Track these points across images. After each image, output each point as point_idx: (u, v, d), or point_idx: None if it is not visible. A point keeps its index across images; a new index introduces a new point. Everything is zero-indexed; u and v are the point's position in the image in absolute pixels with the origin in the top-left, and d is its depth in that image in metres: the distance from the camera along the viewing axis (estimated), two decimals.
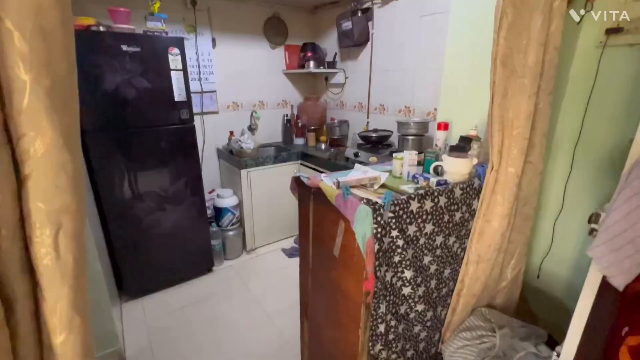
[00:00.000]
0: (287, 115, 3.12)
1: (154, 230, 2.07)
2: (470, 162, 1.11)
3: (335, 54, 2.85)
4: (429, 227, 1.04)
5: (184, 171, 2.10)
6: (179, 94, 1.96)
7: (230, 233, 2.53)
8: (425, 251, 1.07)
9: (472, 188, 1.13)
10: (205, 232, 2.31)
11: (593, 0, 1.26)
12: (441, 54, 2.02)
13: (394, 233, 0.94)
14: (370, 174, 1.13)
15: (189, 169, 2.11)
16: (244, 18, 2.71)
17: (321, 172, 2.51)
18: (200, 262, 2.36)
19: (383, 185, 1.13)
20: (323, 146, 2.86)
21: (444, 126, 1.45)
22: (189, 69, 2.47)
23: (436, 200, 1.03)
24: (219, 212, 2.52)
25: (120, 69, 1.74)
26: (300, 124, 3.05)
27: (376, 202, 0.92)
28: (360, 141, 2.54)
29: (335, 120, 2.94)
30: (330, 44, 2.96)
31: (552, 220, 1.46)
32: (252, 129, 2.99)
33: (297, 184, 1.24)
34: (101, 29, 1.72)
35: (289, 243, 2.86)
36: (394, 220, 0.94)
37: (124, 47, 1.72)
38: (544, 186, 1.35)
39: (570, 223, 1.38)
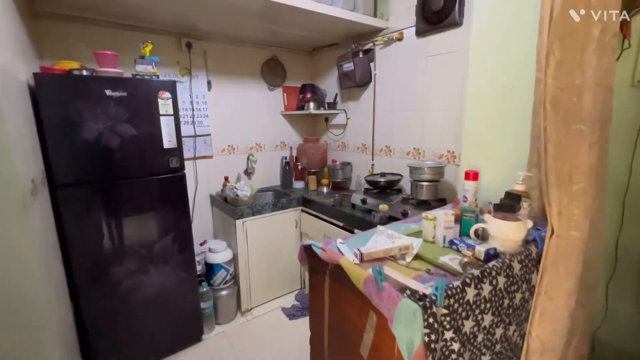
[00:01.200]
0: (285, 157, 2.95)
1: (134, 297, 1.77)
2: (524, 226, 0.90)
3: (336, 94, 2.75)
4: (487, 319, 0.80)
5: (172, 225, 1.85)
6: (168, 140, 1.77)
7: (223, 293, 2.22)
8: (484, 349, 0.82)
9: (530, 259, 0.91)
10: (194, 294, 2.01)
11: (629, 36, 1.14)
12: (453, 93, 1.91)
13: (448, 335, 0.70)
14: (399, 242, 0.91)
15: (177, 223, 1.87)
16: (242, 60, 2.62)
17: (325, 220, 2.28)
18: (187, 331, 2.02)
19: (417, 256, 0.90)
20: (325, 190, 2.66)
21: (473, 176, 1.26)
22: (182, 113, 2.33)
23: (494, 281, 0.80)
24: (210, 268, 2.23)
25: (103, 115, 1.55)
26: (300, 167, 2.87)
27: (424, 295, 0.68)
28: (367, 186, 2.34)
29: (338, 163, 2.77)
30: (329, 85, 2.87)
31: (604, 282, 1.23)
32: (248, 172, 2.79)
33: (307, 254, 1.01)
34: (84, 73, 1.56)
35: (290, 300, 2.55)
36: (448, 318, 0.70)
37: (108, 92, 1.55)
38: None
39: (626, 284, 1.16)
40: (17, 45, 1.32)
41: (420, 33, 2.04)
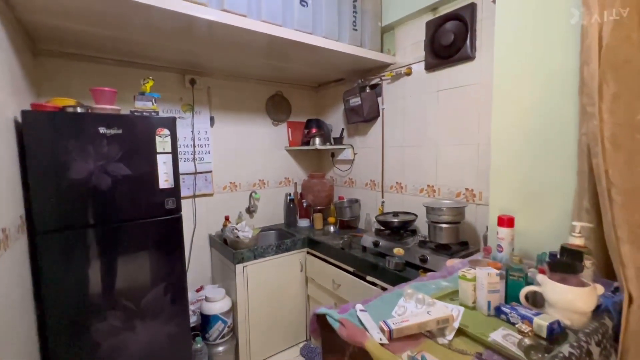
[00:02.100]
0: (290, 194, 2.80)
1: (117, 358, 1.54)
2: (594, 293, 0.72)
3: (343, 129, 2.66)
4: None
5: (165, 273, 1.66)
6: (165, 180, 1.63)
7: (220, 349, 1.97)
8: None
9: (607, 337, 0.72)
10: (186, 352, 1.77)
11: None
12: (469, 128, 1.80)
13: None
14: (436, 312, 0.72)
15: (171, 270, 1.68)
16: (246, 96, 2.57)
17: (333, 264, 2.08)
18: None
19: (459, 330, 0.72)
20: (332, 229, 2.49)
21: (508, 222, 1.10)
22: (183, 150, 2.23)
23: None
24: (206, 320, 2.00)
25: (95, 154, 1.43)
26: (305, 204, 2.71)
27: None
28: (378, 226, 2.16)
29: (345, 200, 2.62)
30: (335, 120, 2.80)
31: None
32: (250, 210, 2.63)
33: (320, 324, 0.82)
34: (79, 110, 1.47)
35: (294, 355, 2.27)
36: None
37: (102, 130, 1.45)
38: None
39: None
40: (9, 82, 1.24)
41: (430, 67, 1.98)
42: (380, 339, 0.67)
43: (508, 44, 1.19)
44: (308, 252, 2.35)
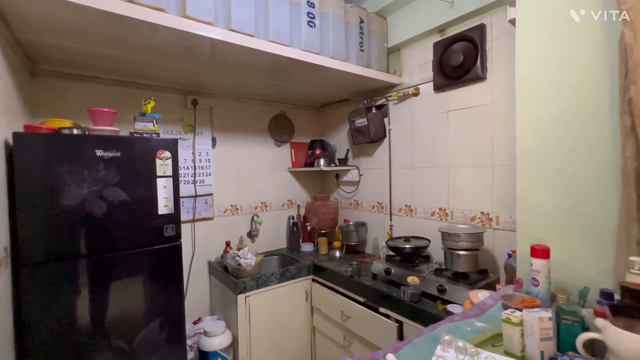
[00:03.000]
0: (293, 217, 2.69)
1: None
2: None
3: (348, 150, 2.59)
4: None
5: (162, 307, 1.52)
6: (164, 205, 1.53)
7: None
8: None
9: None
10: None
11: None
12: (482, 149, 1.74)
13: None
14: None
15: (168, 304, 1.54)
16: (248, 117, 2.52)
17: (342, 293, 1.94)
18: None
19: None
20: (337, 253, 2.36)
21: (543, 253, 1.00)
22: (183, 172, 2.13)
23: None
24: (205, 357, 1.84)
25: (90, 178, 1.34)
26: (309, 228, 2.60)
27: None
28: (388, 251, 2.05)
29: (351, 223, 2.51)
30: (339, 141, 2.74)
31: None
32: (252, 235, 2.51)
33: None
34: (75, 132, 1.38)
35: None
36: None
37: (99, 153, 1.36)
38: None
39: None
40: (0, 102, 1.16)
41: (439, 88, 1.94)
42: None
43: (530, 63, 1.14)
44: (313, 280, 2.22)
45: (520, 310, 0.92)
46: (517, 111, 1.17)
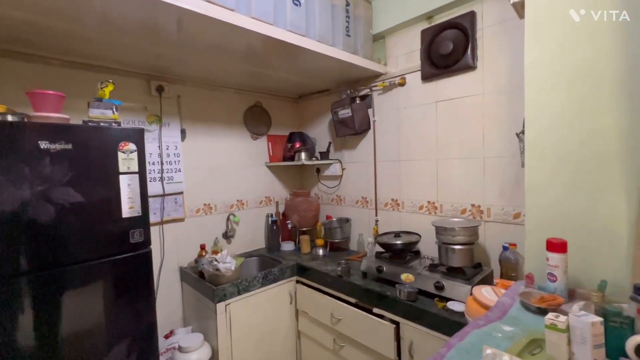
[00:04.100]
0: (271, 215, 2.52)
1: None
2: None
3: (330, 143, 2.47)
4: None
5: (129, 327, 1.30)
6: (130, 207, 1.30)
7: None
8: None
9: None
10: None
11: None
12: (473, 140, 1.70)
13: None
14: None
15: (137, 322, 1.32)
16: (222, 107, 2.29)
17: (330, 295, 1.83)
18: None
19: None
20: (321, 251, 2.24)
21: (560, 246, 0.95)
22: (149, 167, 1.88)
23: None
24: None
25: (33, 176, 1.08)
26: (289, 225, 2.45)
27: None
28: (375, 248, 1.97)
29: (334, 219, 2.40)
30: (319, 133, 2.61)
31: None
32: (228, 236, 2.31)
33: None
34: (9, 118, 1.11)
35: None
36: None
37: (44, 145, 1.10)
38: None
39: None
40: None
41: (427, 77, 1.88)
42: None
43: (540, 50, 1.08)
44: (298, 281, 2.08)
45: (546, 310, 0.86)
46: (525, 100, 1.12)
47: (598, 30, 0.96)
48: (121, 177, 1.28)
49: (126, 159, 1.29)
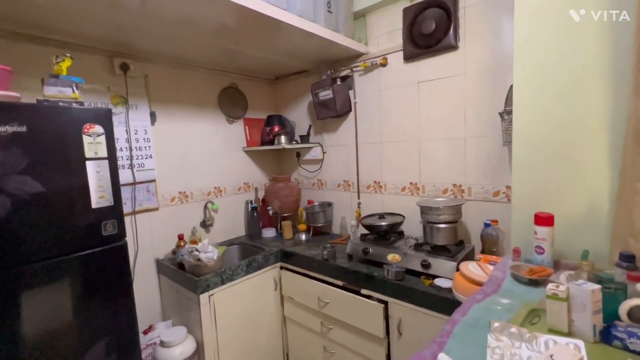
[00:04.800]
0: (251, 201, 2.44)
1: None
2: None
3: (310, 126, 2.41)
4: None
5: (106, 326, 1.20)
6: (99, 197, 1.18)
7: None
8: None
9: None
10: None
11: None
12: (454, 121, 1.72)
13: None
14: (564, 357, 0.53)
15: (116, 318, 1.23)
16: (194, 88, 2.14)
17: (316, 279, 1.82)
18: None
19: None
20: (303, 237, 2.22)
21: (547, 220, 0.99)
22: (117, 154, 1.71)
23: None
24: None
25: None
26: (270, 212, 2.39)
27: None
28: (359, 231, 1.97)
29: (316, 204, 2.37)
30: (298, 116, 2.53)
31: None
32: (206, 224, 2.21)
33: None
34: None
35: None
36: None
37: None
38: None
39: None
40: None
41: (409, 58, 1.86)
42: None
43: (530, 28, 1.08)
44: (282, 267, 2.04)
45: (537, 281, 0.89)
46: (514, 78, 1.12)
47: (588, 16, 0.97)
48: (88, 163, 1.15)
49: (93, 143, 1.15)
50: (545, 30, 1.05)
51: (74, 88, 1.22)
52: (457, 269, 1.34)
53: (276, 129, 2.39)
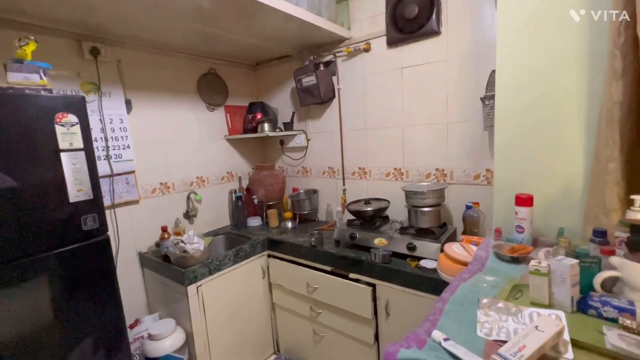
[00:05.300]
0: (235, 191, 2.41)
1: None
2: None
3: (293, 113, 2.38)
4: None
5: (94, 320, 1.17)
6: (77, 190, 1.13)
7: None
8: None
9: None
10: None
11: None
12: (437, 106, 1.75)
13: None
14: (544, 326, 0.57)
15: (101, 313, 1.20)
16: (172, 74, 2.05)
17: (304, 265, 1.84)
18: None
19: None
20: (290, 224, 2.23)
21: (527, 201, 1.04)
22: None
23: None
24: None
25: None
26: (255, 200, 2.37)
27: None
28: (345, 217, 2.00)
29: (301, 191, 2.37)
30: (280, 103, 2.49)
31: None
32: (190, 215, 2.17)
33: None
34: None
35: None
36: None
37: None
38: None
39: None
40: None
41: (392, 43, 1.85)
42: None
43: (513, 13, 1.10)
44: (269, 255, 2.05)
45: (518, 259, 0.94)
46: (497, 62, 1.15)
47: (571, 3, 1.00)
48: (63, 155, 1.08)
49: (67, 134, 1.09)
50: (528, 15, 1.07)
51: (42, 74, 1.14)
52: (442, 250, 1.39)
53: (259, 116, 2.34)
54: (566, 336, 0.59)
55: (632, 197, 0.81)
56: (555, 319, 0.61)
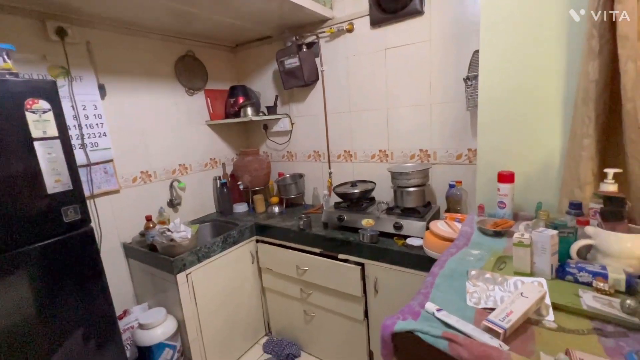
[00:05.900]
0: (219, 177, 2.37)
1: None
2: None
3: (277, 96, 2.33)
4: None
5: (82, 313, 1.15)
6: (55, 180, 1.07)
7: None
8: None
9: None
10: None
11: None
12: (420, 88, 1.77)
13: None
14: (528, 292, 0.62)
15: (90, 305, 1.17)
16: (147, 57, 1.95)
17: (293, 249, 1.86)
18: None
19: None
20: (277, 209, 2.23)
21: (509, 177, 1.08)
22: None
23: None
24: (148, 352, 1.55)
25: None
26: (241, 187, 2.34)
27: None
28: (332, 200, 2.02)
29: (287, 176, 2.37)
30: (262, 86, 2.44)
31: None
32: (174, 204, 2.12)
33: (399, 347, 0.62)
34: None
35: (257, 354, 2.03)
36: None
37: None
38: None
39: None
40: None
41: (375, 23, 1.83)
42: (500, 345, 0.53)
43: None
44: (258, 240, 2.05)
45: (501, 232, 0.99)
46: (480, 42, 1.16)
47: None
48: (36, 144, 1.02)
49: (39, 121, 1.03)
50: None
51: (5, 57, 1.05)
52: (427, 228, 1.44)
53: (241, 100, 2.28)
54: (547, 300, 0.64)
55: (605, 170, 0.87)
56: (538, 286, 0.66)
